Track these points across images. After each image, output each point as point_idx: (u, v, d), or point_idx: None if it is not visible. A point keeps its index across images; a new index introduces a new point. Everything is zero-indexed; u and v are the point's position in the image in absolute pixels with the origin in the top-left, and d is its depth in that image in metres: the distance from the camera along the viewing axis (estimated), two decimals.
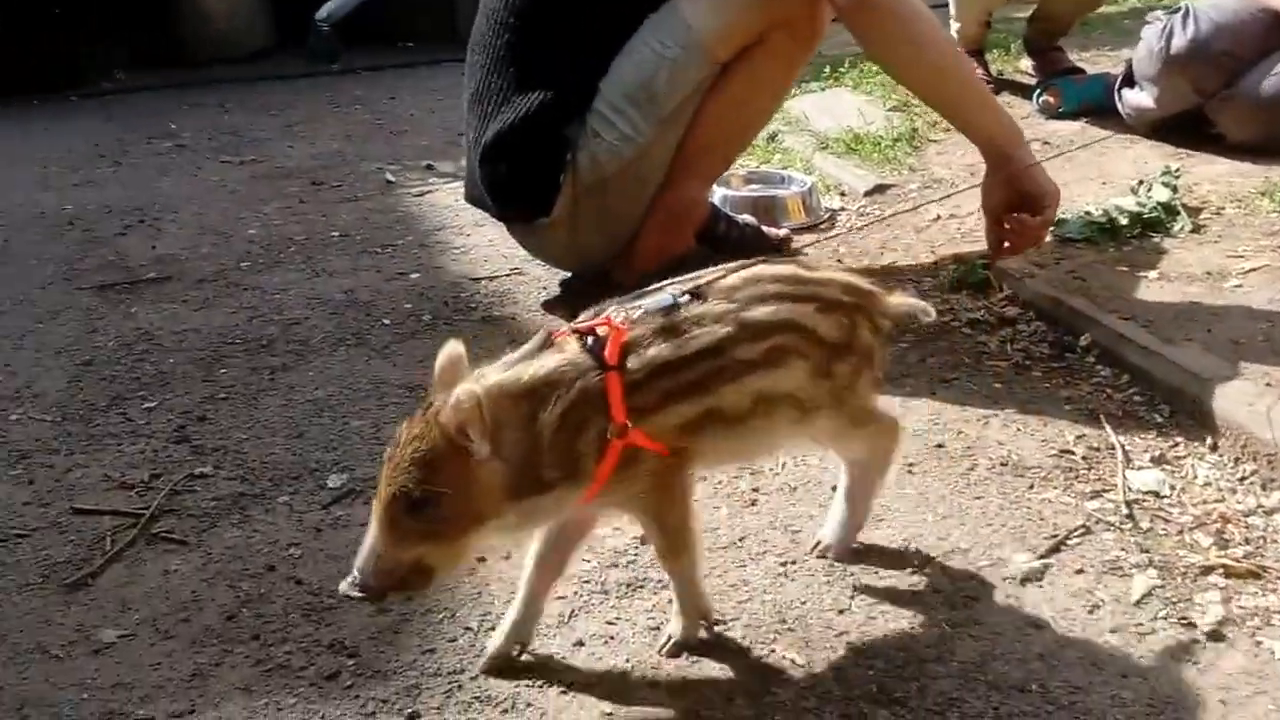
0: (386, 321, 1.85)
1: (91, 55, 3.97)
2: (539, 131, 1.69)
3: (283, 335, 1.80)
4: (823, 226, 2.23)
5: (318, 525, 1.28)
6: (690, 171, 1.75)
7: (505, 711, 0.99)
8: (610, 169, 1.71)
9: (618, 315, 0.98)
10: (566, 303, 1.84)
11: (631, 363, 0.95)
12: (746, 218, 2.10)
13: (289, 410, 1.55)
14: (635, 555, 1.20)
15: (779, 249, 2.08)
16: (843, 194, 2.37)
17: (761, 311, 1.00)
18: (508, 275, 2.06)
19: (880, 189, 2.33)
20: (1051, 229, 1.80)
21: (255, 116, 3.48)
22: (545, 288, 1.99)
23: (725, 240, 2.04)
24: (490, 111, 1.72)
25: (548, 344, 0.97)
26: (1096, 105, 2.58)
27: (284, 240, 2.28)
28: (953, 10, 2.84)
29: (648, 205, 1.78)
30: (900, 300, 1.11)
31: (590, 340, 0.96)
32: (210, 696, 1.01)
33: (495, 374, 0.93)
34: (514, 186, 1.75)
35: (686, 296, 1.00)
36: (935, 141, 2.58)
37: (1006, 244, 1.74)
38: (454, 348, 0.94)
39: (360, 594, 0.90)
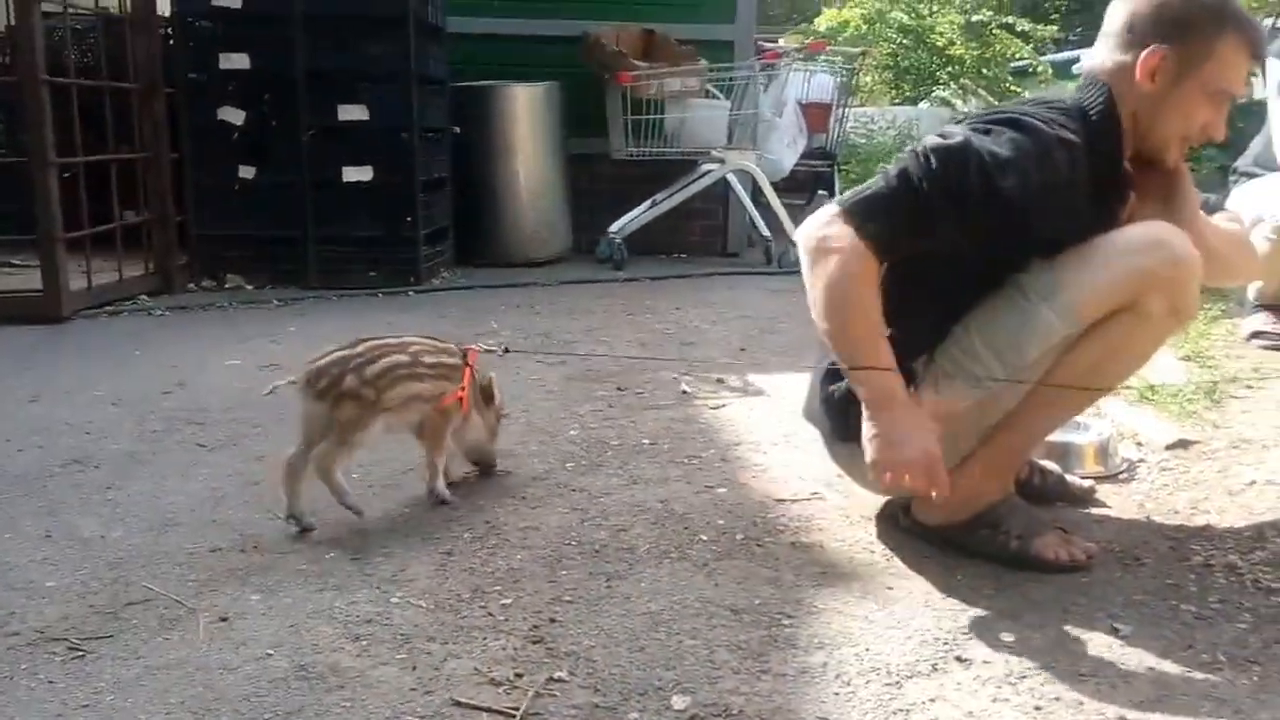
0: (704, 537, 1.90)
1: (428, 256, 4.47)
2: None
3: (612, 541, 1.88)
4: (1122, 477, 2.14)
5: None
6: (1030, 421, 1.72)
7: None
8: (955, 406, 1.71)
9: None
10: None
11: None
12: (1051, 465, 2.05)
13: (628, 621, 1.60)
14: None
15: (1081, 501, 2.02)
16: (1140, 444, 2.27)
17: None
18: (808, 499, 2.08)
19: (1183, 444, 2.22)
20: None
21: (561, 319, 3.76)
22: (846, 514, 2.00)
23: (1027, 485, 2.00)
24: None
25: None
26: None
27: (600, 444, 2.41)
28: None
29: (975, 446, 1.76)
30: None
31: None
32: None
33: None
34: (853, 409, 1.77)
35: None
36: (1238, 398, 2.46)
37: None
38: None
39: None
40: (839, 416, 1.81)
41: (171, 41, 4.30)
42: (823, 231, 1.61)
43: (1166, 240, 1.61)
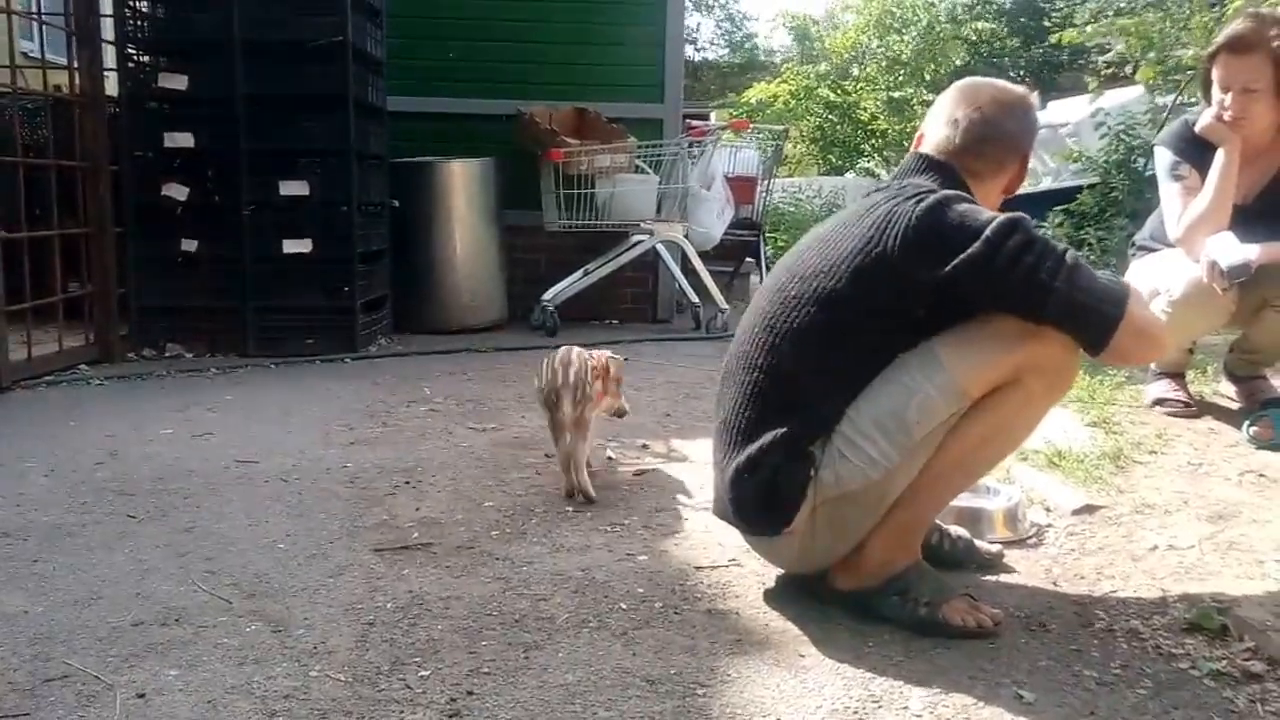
0: (623, 606, 1.87)
1: (366, 324, 4.42)
2: (785, 454, 1.74)
3: (532, 611, 1.84)
4: (1030, 542, 2.16)
5: None
6: (928, 494, 1.74)
7: None
8: (853, 486, 1.72)
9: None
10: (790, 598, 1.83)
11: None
12: (960, 531, 2.07)
13: (544, 693, 1.56)
14: None
15: (990, 566, 2.03)
16: (1048, 509, 2.30)
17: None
18: (726, 566, 2.06)
19: (1089, 509, 2.24)
20: None
21: (493, 386, 3.72)
22: (763, 581, 1.98)
23: (938, 551, 2.01)
24: (739, 441, 1.79)
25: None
26: None
27: (526, 511, 2.38)
28: None
29: (880, 520, 1.77)
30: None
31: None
32: None
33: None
34: (759, 506, 1.78)
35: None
36: (1141, 464, 2.50)
37: None
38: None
39: None
40: (753, 515, 1.82)
41: (119, 120, 4.25)
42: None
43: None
